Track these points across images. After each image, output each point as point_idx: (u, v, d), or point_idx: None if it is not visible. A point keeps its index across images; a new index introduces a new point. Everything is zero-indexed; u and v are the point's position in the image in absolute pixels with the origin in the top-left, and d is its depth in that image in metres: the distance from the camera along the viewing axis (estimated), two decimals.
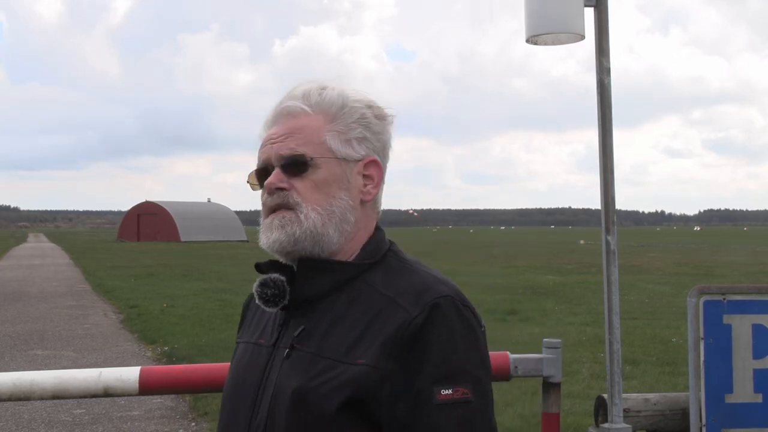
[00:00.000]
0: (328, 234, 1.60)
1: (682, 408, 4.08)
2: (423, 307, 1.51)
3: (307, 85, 1.68)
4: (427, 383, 1.46)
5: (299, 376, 1.52)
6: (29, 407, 8.33)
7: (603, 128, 3.93)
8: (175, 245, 63.77)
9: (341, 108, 1.64)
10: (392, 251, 1.67)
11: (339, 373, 1.49)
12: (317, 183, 1.61)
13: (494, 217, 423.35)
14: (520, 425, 7.38)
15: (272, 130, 1.67)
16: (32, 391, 3.31)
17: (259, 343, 1.67)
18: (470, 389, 1.49)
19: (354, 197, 1.64)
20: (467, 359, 1.51)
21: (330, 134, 1.63)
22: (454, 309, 1.53)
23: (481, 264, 34.13)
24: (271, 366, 1.60)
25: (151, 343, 12.73)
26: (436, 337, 1.49)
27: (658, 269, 29.33)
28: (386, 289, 1.57)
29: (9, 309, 17.97)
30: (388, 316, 1.52)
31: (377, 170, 1.68)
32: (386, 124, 1.70)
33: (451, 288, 1.57)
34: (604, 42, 3.93)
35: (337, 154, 1.62)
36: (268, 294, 1.61)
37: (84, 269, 32.78)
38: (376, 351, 1.49)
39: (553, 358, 3.58)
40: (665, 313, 15.72)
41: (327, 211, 1.60)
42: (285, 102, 1.66)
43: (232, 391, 1.68)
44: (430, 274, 1.61)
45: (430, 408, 1.46)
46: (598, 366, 10.05)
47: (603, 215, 3.92)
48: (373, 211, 1.70)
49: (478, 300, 18.23)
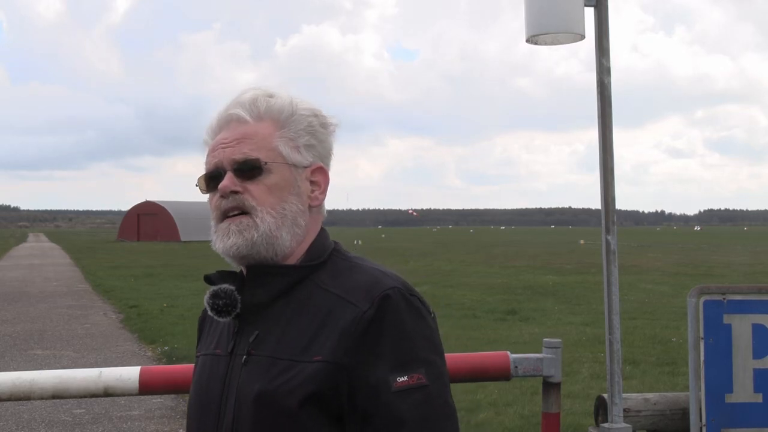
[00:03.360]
0: (281, 237, 1.64)
1: (682, 408, 4.08)
2: (372, 301, 1.56)
3: (253, 92, 1.71)
4: (384, 373, 1.52)
5: (260, 380, 1.57)
6: (29, 407, 8.33)
7: (603, 128, 3.93)
8: (175, 245, 63.80)
9: (290, 115, 1.69)
10: (336, 251, 1.71)
11: (298, 372, 1.54)
12: (270, 187, 1.65)
13: (494, 217, 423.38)
14: (520, 425, 7.39)
15: (221, 135, 1.69)
16: (32, 391, 3.32)
17: (216, 353, 1.71)
18: (424, 374, 1.54)
19: (303, 202, 1.69)
20: (419, 346, 1.57)
21: (280, 140, 1.67)
22: (403, 299, 1.58)
23: (482, 264, 34.14)
24: (231, 373, 1.63)
25: (151, 343, 12.74)
26: (387, 328, 1.55)
27: (657, 269, 29.33)
28: (335, 288, 1.61)
29: (9, 309, 17.97)
30: (339, 313, 1.57)
31: (323, 176, 1.73)
32: (330, 133, 1.75)
33: (397, 280, 1.62)
34: (604, 42, 3.93)
35: (288, 160, 1.67)
36: (219, 304, 1.64)
37: (84, 269, 32.79)
38: (331, 347, 1.54)
39: (553, 358, 3.58)
40: (665, 313, 15.72)
41: (280, 214, 1.64)
42: (233, 108, 1.70)
43: (196, 402, 1.71)
44: (376, 269, 1.66)
45: (388, 396, 1.51)
46: (597, 366, 10.05)
47: (603, 215, 3.92)
48: (319, 215, 1.74)
49: (478, 300, 18.25)
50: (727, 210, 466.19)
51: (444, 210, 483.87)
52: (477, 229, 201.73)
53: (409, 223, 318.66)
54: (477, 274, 27.59)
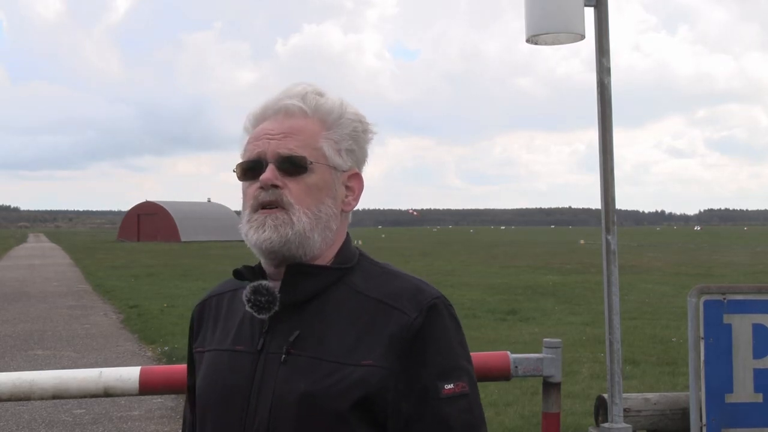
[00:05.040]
0: (313, 238, 1.63)
1: (682, 408, 4.08)
2: (420, 309, 1.59)
3: (303, 87, 1.70)
4: (431, 380, 1.56)
5: (304, 380, 1.55)
6: (29, 407, 8.33)
7: (603, 128, 3.93)
8: (175, 245, 63.79)
9: (338, 118, 1.68)
10: (363, 255, 1.73)
11: (346, 374, 1.54)
12: (310, 187, 1.64)
13: (495, 217, 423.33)
14: (520, 425, 7.39)
15: (267, 124, 1.67)
16: (32, 391, 3.32)
17: (236, 349, 1.67)
18: (467, 382, 1.60)
19: (337, 206, 1.68)
20: (461, 355, 1.63)
21: (325, 141, 1.66)
22: (446, 309, 1.64)
23: (482, 264, 34.14)
24: (263, 372, 1.60)
25: (151, 343, 12.74)
26: (435, 337, 1.59)
27: (657, 269, 29.33)
28: (372, 292, 1.63)
29: (9, 309, 17.97)
30: (386, 319, 1.59)
31: (359, 183, 1.73)
32: (369, 140, 1.75)
33: (437, 290, 1.66)
34: (604, 42, 3.93)
35: (330, 162, 1.66)
36: (261, 301, 1.62)
37: (84, 269, 32.78)
38: (380, 352, 1.55)
39: (553, 358, 3.58)
40: (665, 313, 15.72)
41: (315, 216, 1.63)
42: (284, 99, 1.68)
43: (215, 399, 1.66)
44: (413, 276, 1.69)
45: (436, 402, 1.55)
46: (598, 366, 10.05)
47: (603, 215, 3.92)
48: (347, 220, 1.74)
49: (478, 300, 18.25)
50: (728, 210, 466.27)
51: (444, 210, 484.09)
52: (477, 229, 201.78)
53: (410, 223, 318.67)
54: (477, 274, 27.59)
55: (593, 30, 3.94)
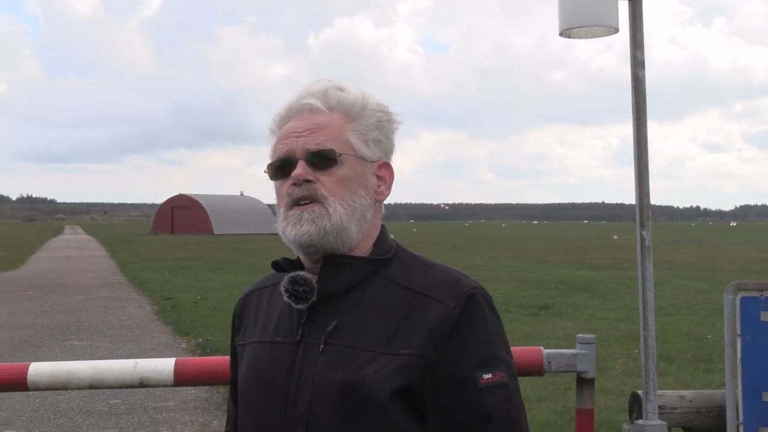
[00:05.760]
0: (350, 228, 1.65)
1: (718, 405, 4.04)
2: (458, 299, 1.60)
3: (324, 83, 1.73)
4: (470, 369, 1.57)
5: (343, 370, 1.57)
6: (67, 396, 8.45)
7: (637, 122, 3.89)
8: (208, 238, 64.24)
9: (362, 110, 1.71)
10: (400, 247, 1.75)
11: (384, 363, 1.56)
12: (341, 178, 1.66)
13: (527, 212, 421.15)
14: (553, 420, 7.36)
15: (293, 123, 1.70)
16: (69, 381, 3.36)
17: (275, 341, 1.69)
18: (505, 372, 1.61)
19: (370, 196, 1.70)
20: (499, 345, 1.63)
21: (351, 133, 1.69)
22: (484, 300, 1.64)
23: (514, 259, 34.00)
24: (302, 362, 1.62)
25: (185, 335, 12.85)
26: (473, 327, 1.60)
27: (692, 265, 29.01)
28: (410, 283, 1.64)
29: (46, 300, 18.24)
30: (424, 309, 1.59)
31: (389, 172, 1.75)
32: (394, 130, 1.77)
33: (475, 281, 1.67)
34: (638, 35, 3.89)
35: (358, 153, 1.69)
36: (300, 291, 1.64)
37: (119, 261, 33.16)
38: (419, 341, 1.57)
39: (587, 354, 3.56)
40: (700, 309, 15.56)
41: (350, 206, 1.66)
42: (306, 98, 1.70)
43: (257, 390, 1.68)
44: (451, 268, 1.70)
45: (475, 392, 1.57)
46: (631, 362, 9.97)
47: (637, 210, 3.88)
48: (380, 211, 1.76)
49: (510, 295, 18.19)
50: (764, 206, 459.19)
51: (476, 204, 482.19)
52: (509, 223, 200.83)
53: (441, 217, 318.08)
54: (509, 268, 27.48)
55: (627, 23, 3.90)
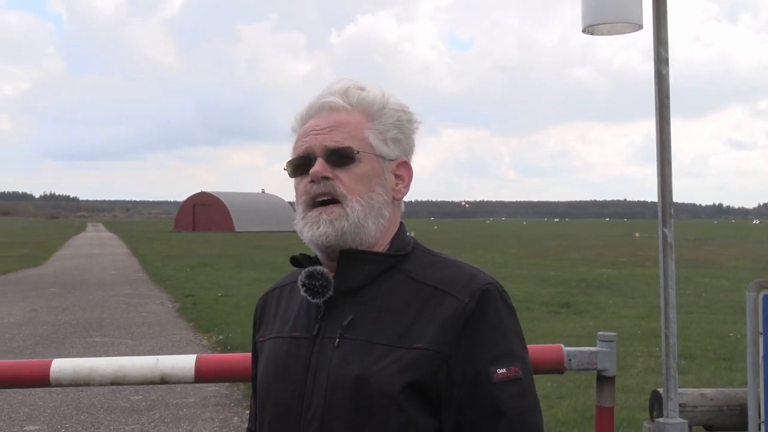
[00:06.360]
0: (367, 226, 1.67)
1: (740, 404, 4.01)
2: (473, 294, 1.61)
3: (344, 83, 1.75)
4: (484, 364, 1.58)
5: (357, 363, 1.58)
6: (89, 393, 8.53)
7: (660, 119, 3.87)
8: (229, 235, 64.54)
9: (381, 109, 1.73)
10: (418, 244, 1.76)
11: (398, 357, 1.57)
12: (359, 176, 1.68)
13: (548, 209, 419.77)
14: (573, 418, 7.33)
15: (313, 122, 1.72)
16: (92, 378, 3.39)
17: (293, 336, 1.71)
18: (520, 367, 1.61)
19: (388, 194, 1.72)
20: (514, 341, 1.64)
21: (370, 132, 1.71)
22: (499, 295, 1.65)
23: (535, 256, 33.90)
24: (318, 356, 1.64)
25: (206, 332, 12.92)
26: (487, 322, 1.61)
27: (715, 263, 28.80)
28: (426, 279, 1.66)
29: (69, 297, 18.39)
30: (438, 304, 1.61)
31: (408, 171, 1.77)
32: (414, 129, 1.79)
33: (491, 276, 1.68)
34: (662, 31, 3.86)
35: (377, 151, 1.71)
36: (316, 285, 1.66)
37: (141, 259, 33.37)
38: (432, 335, 1.58)
39: (608, 352, 3.54)
40: (722, 307, 15.45)
41: (368, 203, 1.68)
42: (326, 97, 1.73)
43: (274, 384, 1.70)
44: (468, 264, 1.72)
45: (488, 386, 1.57)
46: (652, 360, 9.92)
47: (660, 207, 3.86)
48: (399, 209, 1.78)
49: (531, 293, 18.14)
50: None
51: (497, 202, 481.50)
52: (530, 221, 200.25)
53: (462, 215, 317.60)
54: (530, 266, 27.41)
55: (651, 19, 3.87)
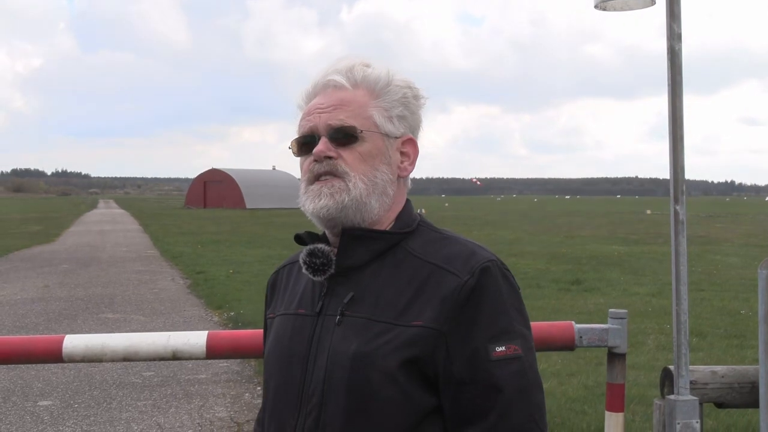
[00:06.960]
0: (370, 204, 1.67)
1: (751, 381, 4.00)
2: (472, 271, 1.60)
3: (349, 60, 1.74)
4: (482, 341, 1.57)
5: (356, 340, 1.60)
6: (101, 368, 8.59)
7: (673, 96, 3.84)
8: (240, 212, 64.66)
9: (386, 86, 1.72)
10: (423, 221, 1.76)
11: (396, 334, 1.58)
12: (363, 154, 1.68)
13: (559, 186, 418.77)
14: (584, 395, 7.35)
15: (317, 100, 1.72)
16: (104, 354, 3.41)
17: (299, 313, 1.73)
18: (520, 345, 1.60)
19: (393, 172, 1.72)
20: (514, 318, 1.62)
21: (375, 110, 1.70)
22: (500, 272, 1.64)
23: (545, 233, 33.85)
24: (321, 333, 1.66)
25: (218, 309, 12.97)
26: (487, 299, 1.59)
27: (727, 240, 28.71)
28: (428, 256, 1.65)
29: (81, 273, 18.48)
30: (438, 281, 1.61)
31: (413, 148, 1.76)
32: (421, 106, 1.78)
33: (492, 254, 1.67)
34: (675, 6, 3.83)
35: (381, 129, 1.70)
36: (317, 263, 1.67)
37: (152, 235, 33.49)
38: (431, 313, 1.58)
39: (619, 329, 3.55)
40: (734, 284, 15.40)
41: (371, 182, 1.68)
42: (331, 75, 1.72)
43: (277, 360, 1.73)
44: (470, 241, 1.70)
45: (486, 364, 1.57)
46: (663, 337, 9.92)
47: (672, 185, 3.84)
48: (405, 186, 1.78)
49: (542, 270, 18.13)
50: None
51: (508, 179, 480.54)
52: (541, 198, 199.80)
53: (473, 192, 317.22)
54: (541, 243, 27.38)
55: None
